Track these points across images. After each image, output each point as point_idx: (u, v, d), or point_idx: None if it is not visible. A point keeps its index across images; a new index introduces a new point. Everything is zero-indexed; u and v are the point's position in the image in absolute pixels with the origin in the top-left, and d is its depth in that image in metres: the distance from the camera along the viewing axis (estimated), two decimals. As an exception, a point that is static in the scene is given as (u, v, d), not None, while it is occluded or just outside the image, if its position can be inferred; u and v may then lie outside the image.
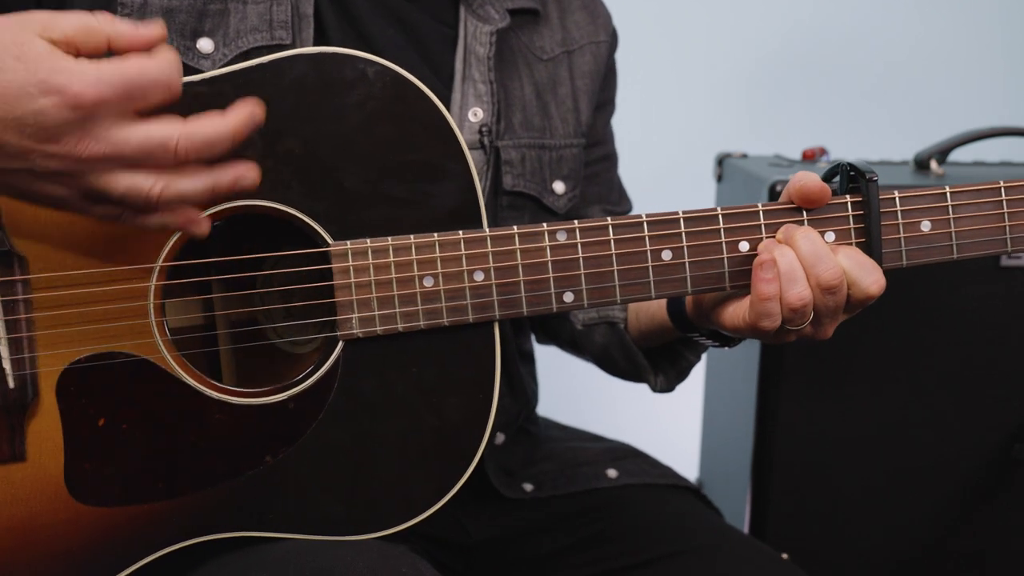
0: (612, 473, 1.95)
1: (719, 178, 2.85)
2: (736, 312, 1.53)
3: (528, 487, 1.91)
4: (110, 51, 1.23)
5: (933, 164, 2.58)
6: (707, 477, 3.08)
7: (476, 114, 1.75)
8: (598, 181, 2.04)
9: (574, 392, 3.01)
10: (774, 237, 1.48)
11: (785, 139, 3.02)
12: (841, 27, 3.80)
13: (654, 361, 1.89)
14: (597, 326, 1.92)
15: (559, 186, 1.88)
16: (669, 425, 3.32)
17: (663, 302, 1.74)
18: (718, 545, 1.81)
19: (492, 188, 1.80)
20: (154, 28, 1.23)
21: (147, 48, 1.23)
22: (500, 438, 1.91)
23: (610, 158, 2.10)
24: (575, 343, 2.02)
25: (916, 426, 2.50)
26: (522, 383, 1.99)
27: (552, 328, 2.06)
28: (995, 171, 2.65)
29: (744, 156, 2.83)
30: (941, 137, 2.63)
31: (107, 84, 1.19)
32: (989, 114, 2.94)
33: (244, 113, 1.28)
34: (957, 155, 2.67)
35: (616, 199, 2.09)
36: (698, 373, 3.10)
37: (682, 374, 1.87)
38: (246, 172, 1.31)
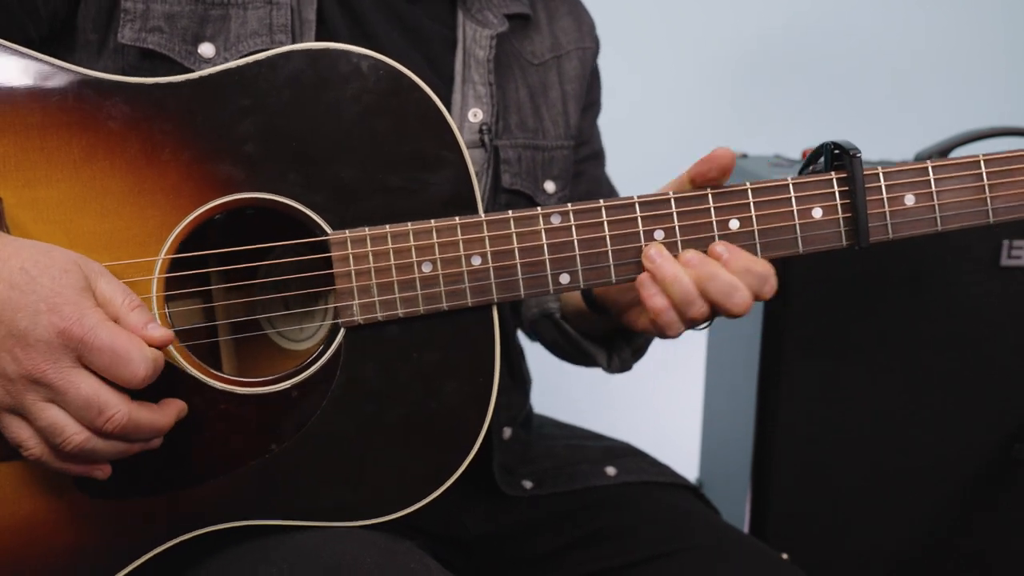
0: (611, 471, 1.97)
1: (719, 178, 2.86)
2: (640, 320, 1.61)
3: (528, 484, 1.92)
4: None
5: (933, 164, 2.59)
6: (707, 477, 3.08)
7: (476, 115, 1.78)
8: (586, 178, 2.07)
9: (573, 392, 3.02)
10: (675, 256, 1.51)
11: (785, 139, 3.03)
12: (841, 27, 3.81)
13: (608, 343, 1.91)
14: (541, 322, 1.96)
15: (550, 186, 1.91)
16: (669, 425, 3.32)
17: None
18: (717, 544, 1.82)
19: (492, 186, 1.82)
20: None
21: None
22: (507, 432, 1.92)
23: (597, 156, 2.14)
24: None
25: (916, 426, 2.50)
26: (523, 376, 2.00)
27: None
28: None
29: (744, 156, 2.84)
30: (941, 137, 2.64)
31: (107, 340, 1.29)
32: (989, 114, 2.95)
33: (175, 411, 1.40)
34: (957, 155, 2.67)
35: (606, 194, 2.12)
36: (698, 373, 3.11)
37: (639, 351, 1.90)
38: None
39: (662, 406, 2.33)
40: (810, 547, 2.53)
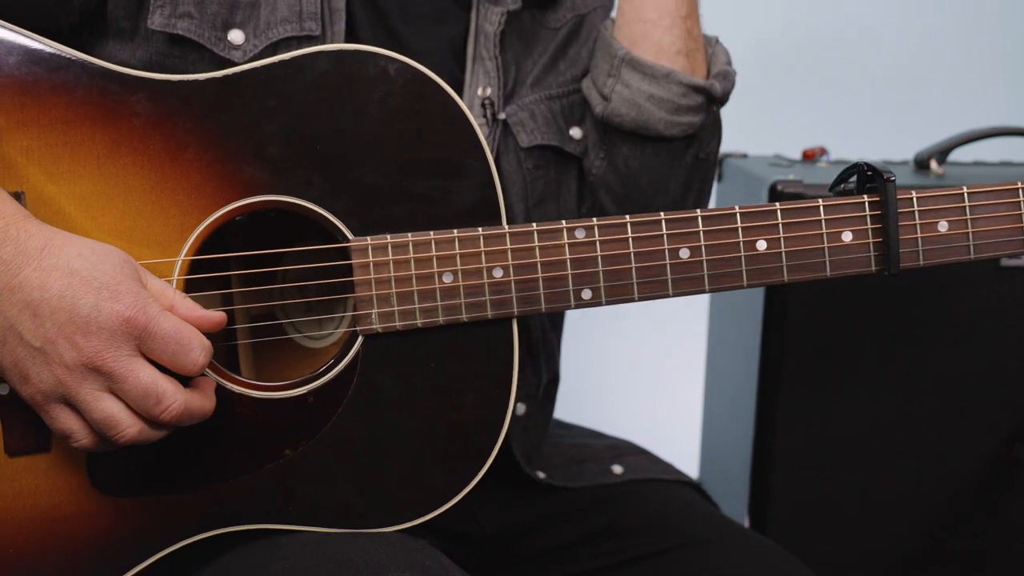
0: (618, 469, 1.98)
1: (719, 178, 2.86)
2: None
3: (541, 475, 1.92)
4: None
5: (933, 164, 2.59)
6: (707, 477, 3.07)
7: (485, 90, 1.77)
8: None
9: (574, 392, 3.01)
10: None
11: (785, 139, 3.01)
12: (841, 27, 3.80)
13: None
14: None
15: (576, 132, 1.88)
16: (669, 424, 3.32)
17: None
18: (721, 537, 1.83)
19: (515, 155, 1.81)
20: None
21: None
22: (521, 408, 1.91)
23: None
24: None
25: (916, 426, 2.50)
26: (543, 353, 1.97)
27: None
28: (995, 171, 2.64)
29: (744, 156, 2.84)
30: (941, 137, 2.63)
31: (171, 329, 1.31)
32: (989, 114, 2.94)
33: (212, 391, 1.40)
34: (957, 155, 2.66)
35: None
36: (698, 373, 3.11)
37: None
38: None
39: (662, 405, 2.32)
40: (810, 548, 2.51)
